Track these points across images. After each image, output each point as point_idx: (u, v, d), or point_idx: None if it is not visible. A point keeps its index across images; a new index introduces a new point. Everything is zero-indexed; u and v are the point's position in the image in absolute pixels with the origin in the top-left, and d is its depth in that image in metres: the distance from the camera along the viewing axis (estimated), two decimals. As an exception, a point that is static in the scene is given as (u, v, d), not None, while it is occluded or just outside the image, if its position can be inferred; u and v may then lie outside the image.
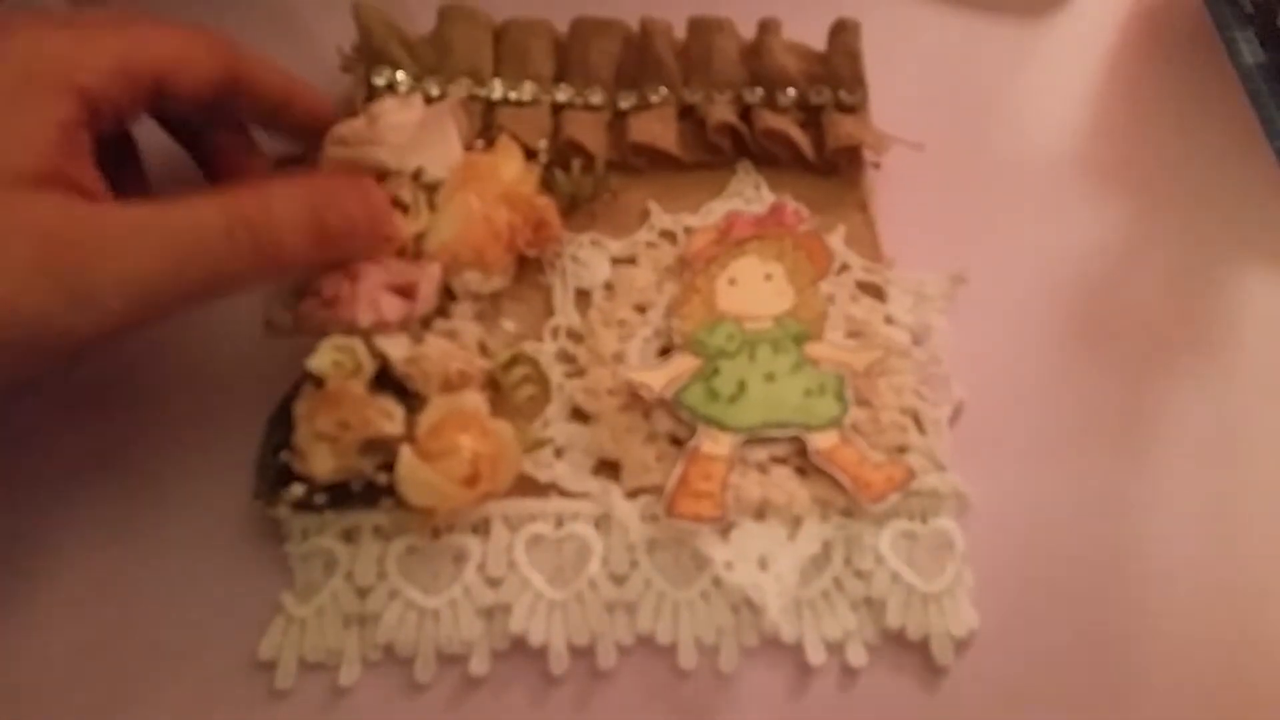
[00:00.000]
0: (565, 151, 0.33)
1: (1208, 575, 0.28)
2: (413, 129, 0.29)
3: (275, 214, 0.24)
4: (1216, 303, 0.34)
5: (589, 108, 0.34)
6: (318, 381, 0.26)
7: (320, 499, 0.26)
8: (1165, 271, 0.34)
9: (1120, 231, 0.35)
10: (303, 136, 0.30)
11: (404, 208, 0.29)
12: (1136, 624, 0.27)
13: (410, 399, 0.27)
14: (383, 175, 0.29)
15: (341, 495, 0.26)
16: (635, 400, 0.29)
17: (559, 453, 0.28)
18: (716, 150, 0.34)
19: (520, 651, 0.25)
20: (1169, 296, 0.33)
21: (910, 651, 0.26)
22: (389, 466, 0.26)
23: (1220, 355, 0.32)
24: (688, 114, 0.34)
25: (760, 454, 0.28)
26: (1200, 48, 0.41)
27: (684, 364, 0.29)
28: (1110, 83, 0.40)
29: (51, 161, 0.22)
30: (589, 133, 0.33)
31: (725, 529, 0.27)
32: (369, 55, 0.33)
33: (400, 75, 0.33)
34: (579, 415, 0.29)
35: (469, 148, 0.31)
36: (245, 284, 0.25)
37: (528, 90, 0.34)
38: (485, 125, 0.33)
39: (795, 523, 0.27)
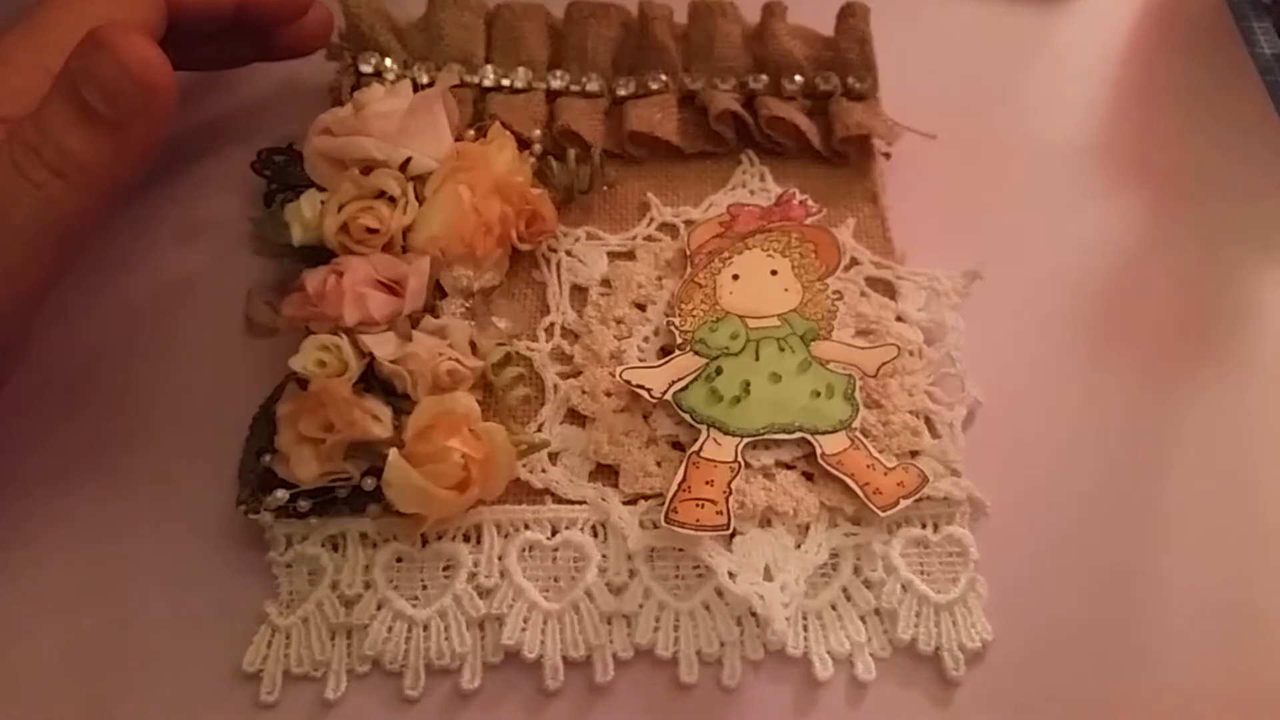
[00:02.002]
0: (560, 141, 0.32)
1: (1228, 583, 0.27)
2: (401, 118, 0.29)
3: (45, 120, 0.22)
4: (1235, 298, 0.33)
5: (585, 95, 0.33)
6: (302, 382, 0.25)
7: (304, 505, 0.25)
8: (1183, 266, 0.33)
9: (1137, 224, 0.34)
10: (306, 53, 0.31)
11: (391, 200, 0.28)
12: (1157, 637, 0.26)
13: (399, 400, 0.26)
14: (369, 166, 0.28)
15: (327, 501, 0.25)
16: (634, 402, 0.28)
17: (554, 457, 0.27)
18: (719, 140, 0.33)
19: (514, 664, 0.25)
20: (1187, 291, 0.33)
21: (921, 664, 0.25)
22: (376, 471, 0.25)
23: (1239, 352, 0.31)
24: (689, 102, 0.34)
25: (765, 458, 0.27)
26: (1217, 37, 0.40)
27: (685, 364, 0.28)
28: (1126, 72, 0.39)
29: None
30: (585, 121, 0.32)
31: (728, 537, 0.26)
32: (356, 41, 0.33)
33: (388, 62, 0.33)
34: (575, 417, 0.28)
35: (459, 137, 0.30)
36: (69, 215, 0.22)
37: (521, 77, 0.33)
38: (477, 113, 0.32)
39: (802, 530, 0.26)
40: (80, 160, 0.22)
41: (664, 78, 0.33)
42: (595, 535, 0.26)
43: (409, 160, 0.28)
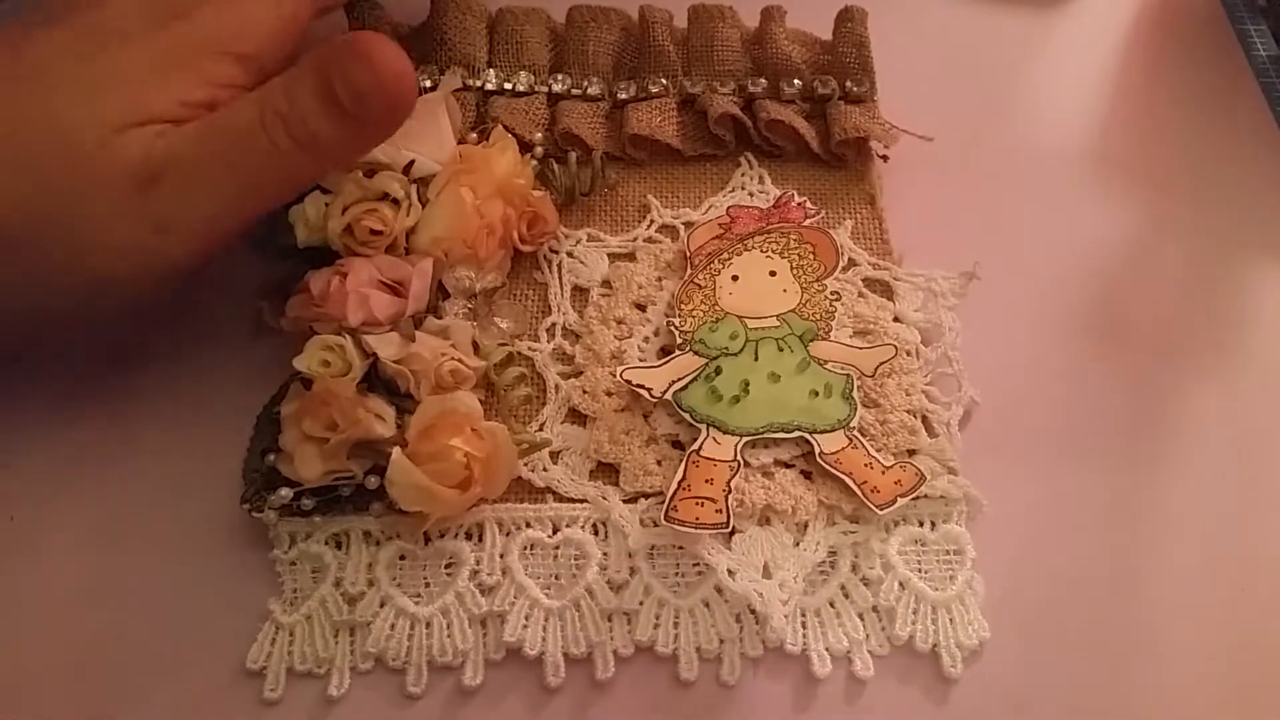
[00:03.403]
0: (562, 143, 0.32)
1: (1224, 583, 0.27)
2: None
3: (296, 96, 0.24)
4: (1231, 298, 0.33)
5: (586, 98, 0.33)
6: (307, 382, 0.26)
7: (308, 503, 0.25)
8: (1179, 267, 0.33)
9: (1133, 226, 0.34)
10: None
11: (395, 202, 0.28)
12: (1153, 635, 0.26)
13: (402, 399, 0.26)
14: (373, 169, 0.28)
15: (330, 499, 0.25)
16: (634, 401, 0.28)
17: (555, 455, 0.27)
18: (718, 142, 0.33)
19: (515, 661, 0.25)
20: (1183, 292, 0.33)
21: (919, 661, 0.25)
22: (379, 470, 0.25)
23: (1236, 353, 0.32)
24: (689, 105, 0.34)
25: (764, 457, 0.27)
26: (1213, 40, 0.40)
27: (685, 364, 0.28)
28: (1123, 75, 0.39)
29: (177, 110, 0.23)
30: (586, 124, 0.32)
31: (728, 535, 0.26)
32: (360, 44, 0.33)
33: (392, 65, 0.32)
34: (576, 417, 0.28)
35: (462, 140, 0.31)
36: (299, 178, 0.25)
37: (523, 80, 0.33)
38: (479, 117, 0.32)
39: (800, 528, 0.26)
40: (322, 140, 0.24)
41: (664, 81, 0.33)
42: (596, 533, 0.26)
43: (412, 163, 0.28)
